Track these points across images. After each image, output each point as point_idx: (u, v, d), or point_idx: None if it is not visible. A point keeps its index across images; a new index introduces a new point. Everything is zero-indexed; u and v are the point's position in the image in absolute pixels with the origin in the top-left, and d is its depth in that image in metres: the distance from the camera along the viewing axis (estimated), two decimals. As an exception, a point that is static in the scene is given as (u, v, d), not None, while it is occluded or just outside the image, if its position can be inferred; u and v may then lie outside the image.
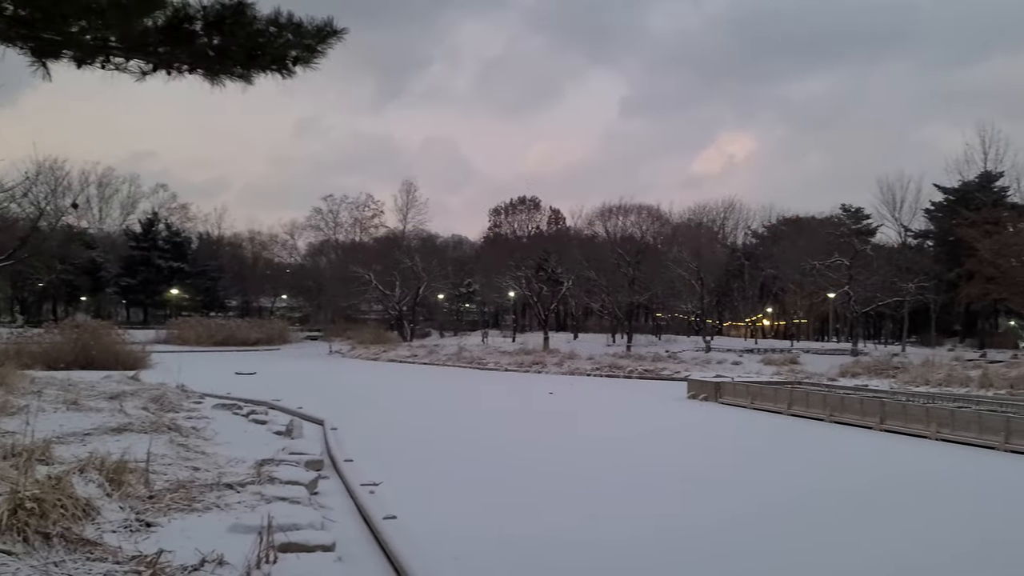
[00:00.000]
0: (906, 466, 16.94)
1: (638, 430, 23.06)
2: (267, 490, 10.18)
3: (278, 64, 7.01)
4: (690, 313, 68.49)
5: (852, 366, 45.63)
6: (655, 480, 14.20)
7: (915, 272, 60.48)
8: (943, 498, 13.49)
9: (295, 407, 23.66)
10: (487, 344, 66.20)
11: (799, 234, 70.77)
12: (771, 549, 9.64)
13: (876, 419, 23.50)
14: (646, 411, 28.98)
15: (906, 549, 9.81)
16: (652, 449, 18.79)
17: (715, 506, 11.93)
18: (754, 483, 14.33)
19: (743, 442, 21.37)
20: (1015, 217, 58.95)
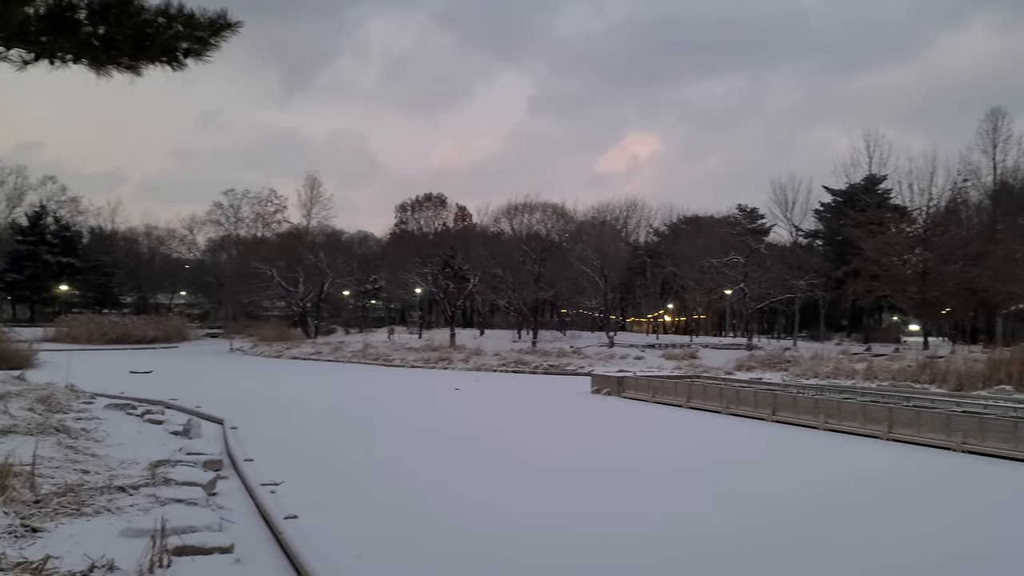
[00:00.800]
0: (788, 449, 17.79)
1: (542, 424, 23.31)
2: (162, 492, 9.88)
3: (168, 56, 6.81)
4: (594, 309, 69.70)
5: (747, 360, 47.34)
6: (557, 473, 14.40)
7: (806, 270, 63.23)
8: (809, 469, 14.17)
9: (193, 406, 22.93)
10: (393, 341, 65.65)
11: (698, 233, 73.00)
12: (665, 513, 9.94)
13: (769, 411, 24.34)
14: (550, 406, 29.28)
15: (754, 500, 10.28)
16: (552, 442, 19.02)
17: (615, 494, 12.20)
18: (654, 472, 14.72)
19: (643, 434, 21.87)
20: (897, 218, 62.28)
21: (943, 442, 18.22)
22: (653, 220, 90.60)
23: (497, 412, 26.74)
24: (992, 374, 32.09)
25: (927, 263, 55.15)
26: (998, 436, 17.25)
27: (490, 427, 22.12)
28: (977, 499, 12.81)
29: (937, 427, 18.82)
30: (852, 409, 21.90)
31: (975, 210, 66.11)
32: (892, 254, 57.18)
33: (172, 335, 76.08)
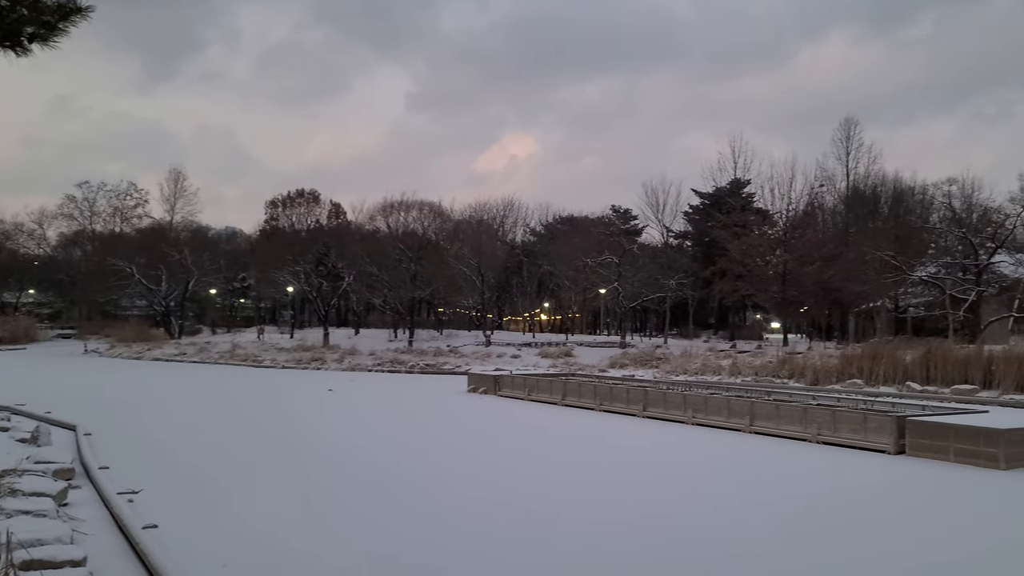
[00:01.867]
0: (657, 443, 18.19)
1: (416, 422, 22.95)
2: (7, 503, 9.11)
3: (11, 40, 6.20)
4: (471, 308, 69.70)
5: (621, 358, 48.42)
6: (440, 468, 14.11)
7: (676, 270, 65.42)
8: (674, 459, 14.53)
9: (42, 412, 21.34)
10: (263, 341, 63.51)
11: (574, 233, 74.18)
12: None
13: (640, 407, 24.91)
14: (425, 405, 29.01)
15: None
16: (427, 439, 18.71)
17: (491, 484, 12.03)
18: (531, 465, 14.65)
19: (516, 431, 21.86)
20: (760, 221, 65.33)
21: (800, 434, 19.04)
22: (530, 220, 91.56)
23: (370, 413, 26.15)
24: (845, 369, 33.95)
25: (787, 264, 58.04)
26: (849, 427, 18.17)
27: (363, 429, 21.54)
28: (802, 481, 13.38)
29: (794, 420, 19.65)
30: (718, 404, 22.61)
31: (830, 214, 70.18)
32: (755, 255, 59.88)
33: (19, 336, 71.24)
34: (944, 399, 26.54)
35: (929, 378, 31.39)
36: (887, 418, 17.58)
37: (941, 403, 23.66)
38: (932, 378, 31.28)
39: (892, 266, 50.42)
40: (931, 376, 31.41)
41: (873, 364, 33.12)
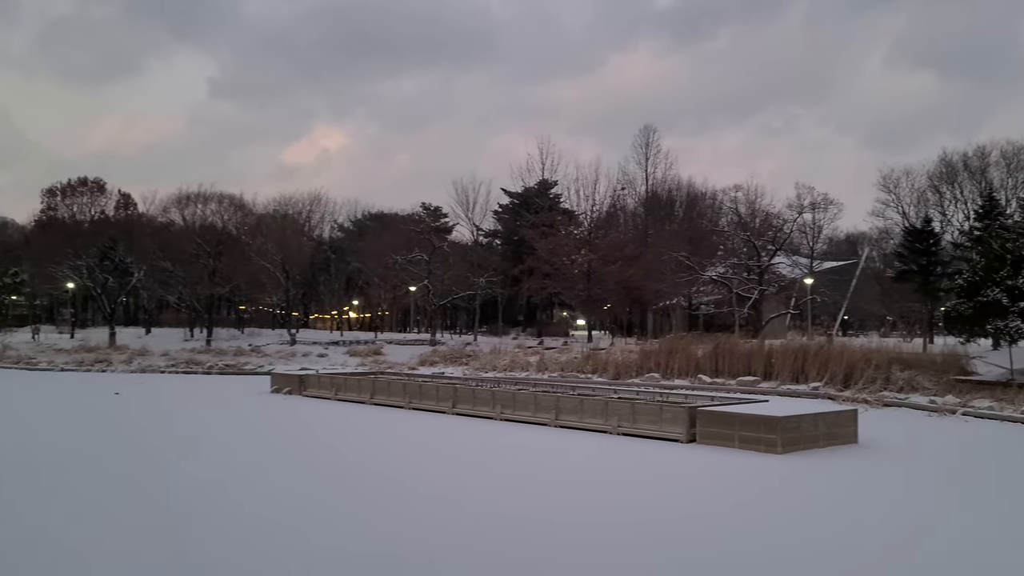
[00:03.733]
0: (465, 438, 18.09)
1: (205, 424, 21.47)
2: None
3: None
4: (275, 306, 67.00)
5: (431, 355, 48.23)
6: (224, 472, 13.11)
7: (486, 268, 66.23)
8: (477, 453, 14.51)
9: None
10: (39, 341, 57.72)
11: (384, 229, 73.24)
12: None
13: (449, 404, 24.79)
14: (221, 406, 27.31)
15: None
16: (214, 440, 17.49)
17: (318, 497, 11.31)
18: (333, 465, 13.99)
19: (318, 430, 21.01)
20: (566, 221, 67.48)
21: (602, 426, 19.61)
22: (338, 215, 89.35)
23: (158, 416, 24.19)
24: (643, 363, 35.61)
25: (591, 263, 60.31)
26: (646, 419, 18.90)
27: (148, 433, 19.83)
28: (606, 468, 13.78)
29: (597, 413, 20.22)
30: (525, 399, 22.87)
31: (631, 216, 73.79)
32: (562, 254, 61.76)
33: None
34: (731, 390, 28.41)
35: (718, 371, 33.54)
36: (680, 409, 18.44)
37: (728, 394, 25.20)
38: (720, 371, 33.45)
39: (686, 266, 53.65)
40: (719, 369, 33.59)
41: (669, 359, 34.96)
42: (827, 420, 17.49)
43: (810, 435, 16.67)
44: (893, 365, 30.96)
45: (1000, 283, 34.78)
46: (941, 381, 29.82)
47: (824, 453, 15.97)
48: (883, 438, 18.13)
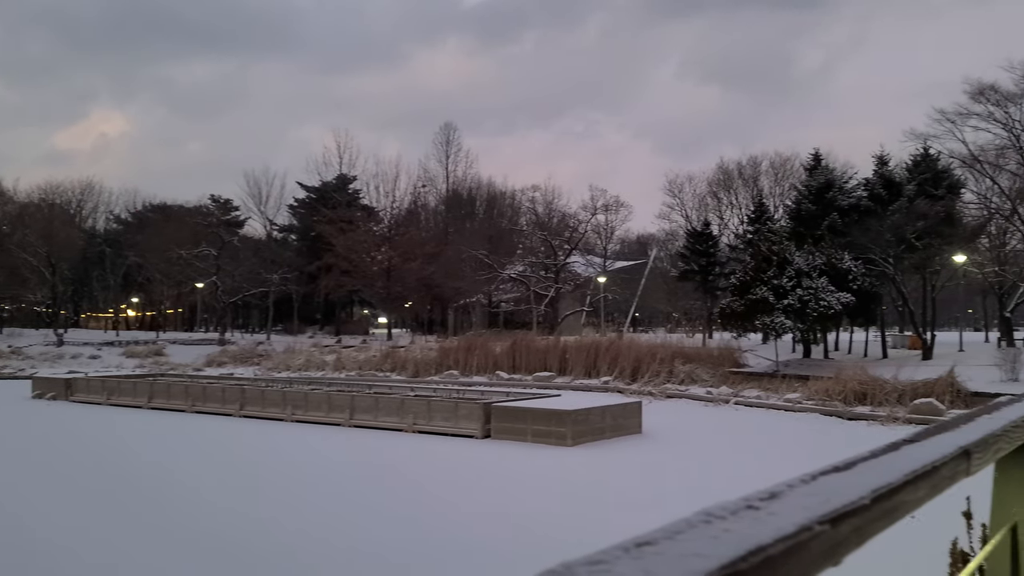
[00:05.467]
0: (251, 443, 17.01)
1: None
2: None
3: None
4: (40, 303, 60.65)
5: (219, 355, 45.57)
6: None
7: (280, 264, 63.57)
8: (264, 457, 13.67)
9: None
10: None
11: (167, 222, 68.16)
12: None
13: (236, 406, 23.53)
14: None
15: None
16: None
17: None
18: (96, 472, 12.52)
19: (84, 440, 18.96)
20: (365, 217, 66.13)
21: (397, 424, 19.15)
22: (115, 206, 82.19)
23: None
24: (443, 361, 35.52)
25: (391, 260, 59.52)
26: (442, 416, 18.66)
27: None
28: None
29: (392, 411, 19.75)
30: (318, 399, 22.02)
31: (432, 214, 73.66)
32: (361, 251, 60.47)
33: None
34: (527, 386, 28.85)
35: (515, 367, 34.12)
36: (475, 405, 18.36)
37: (524, 389, 25.58)
38: (518, 367, 34.05)
39: (486, 264, 54.25)
40: (517, 365, 34.18)
41: (468, 356, 35.12)
42: (614, 412, 18.04)
43: (598, 427, 17.08)
44: (676, 359, 32.86)
45: (767, 282, 37.90)
46: (717, 373, 31.99)
47: (610, 443, 16.43)
48: (663, 427, 18.96)
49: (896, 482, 0.86)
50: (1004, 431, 1.38)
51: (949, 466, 1.10)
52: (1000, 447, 1.34)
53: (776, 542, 0.54)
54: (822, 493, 0.72)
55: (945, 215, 38.26)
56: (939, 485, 1.04)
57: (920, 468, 0.98)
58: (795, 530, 0.58)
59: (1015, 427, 1.45)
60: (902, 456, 1.06)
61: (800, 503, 0.68)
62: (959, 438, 1.20)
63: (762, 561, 0.51)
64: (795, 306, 36.97)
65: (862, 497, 0.74)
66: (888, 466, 0.96)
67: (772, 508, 0.65)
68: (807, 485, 0.77)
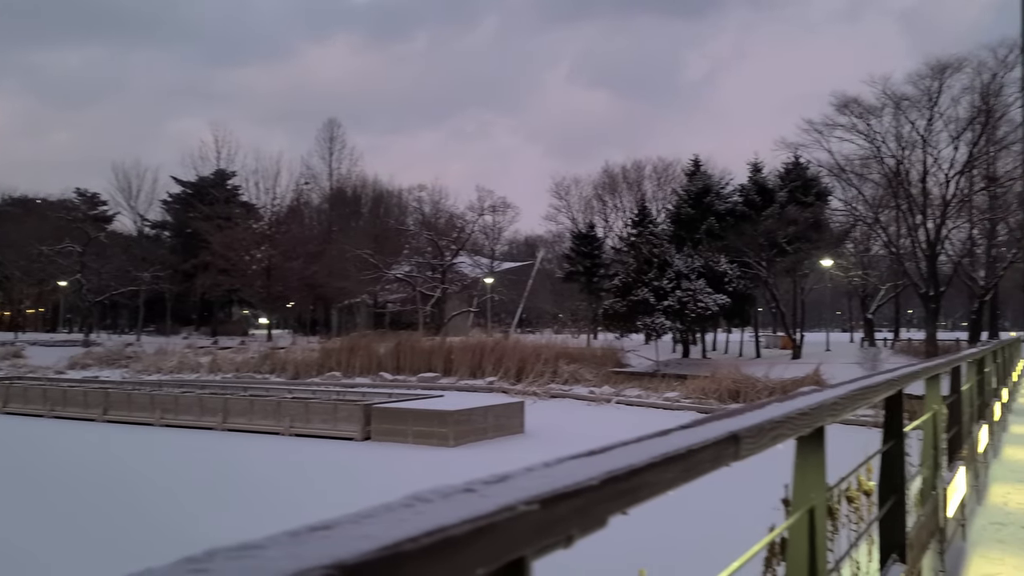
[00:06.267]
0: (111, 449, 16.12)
1: None
2: None
3: None
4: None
5: (83, 357, 43.13)
6: None
7: (152, 262, 60.63)
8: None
9: None
10: None
11: (28, 216, 63.89)
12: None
13: (100, 410, 22.35)
14: None
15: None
16: None
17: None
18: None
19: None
20: (245, 214, 63.90)
21: (274, 427, 18.58)
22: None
23: None
24: (325, 362, 34.76)
25: (272, 259, 57.79)
26: (320, 418, 18.23)
27: None
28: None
29: (268, 414, 19.16)
30: (189, 403, 21.14)
31: (316, 212, 71.86)
32: (240, 249, 58.40)
33: None
34: (411, 386, 28.59)
35: (400, 368, 33.78)
36: (355, 407, 18.02)
37: (408, 390, 25.34)
38: (403, 368, 33.73)
39: (371, 264, 53.44)
40: (402, 366, 33.85)
41: (351, 356, 34.50)
42: (496, 412, 18.06)
43: (480, 427, 17.05)
44: (561, 360, 33.28)
45: (648, 284, 38.93)
46: (600, 373, 32.59)
47: (492, 443, 16.42)
48: (545, 426, 19.12)
49: (639, 464, 0.85)
50: (788, 418, 1.35)
51: (711, 450, 1.07)
52: (780, 433, 1.31)
53: (463, 523, 0.54)
54: (555, 476, 0.72)
55: (814, 221, 40.21)
56: (697, 468, 1.03)
57: (673, 452, 0.96)
58: (493, 510, 0.58)
59: (802, 415, 1.43)
60: (664, 441, 1.02)
61: (522, 485, 0.67)
62: (732, 424, 1.17)
63: (437, 542, 0.51)
64: (675, 307, 38.12)
65: (591, 478, 0.73)
66: (643, 450, 0.94)
67: (490, 491, 0.64)
68: (548, 468, 0.77)
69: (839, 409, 1.67)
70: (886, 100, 38.92)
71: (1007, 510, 5.48)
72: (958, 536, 4.55)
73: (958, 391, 5.08)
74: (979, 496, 5.79)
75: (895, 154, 39.28)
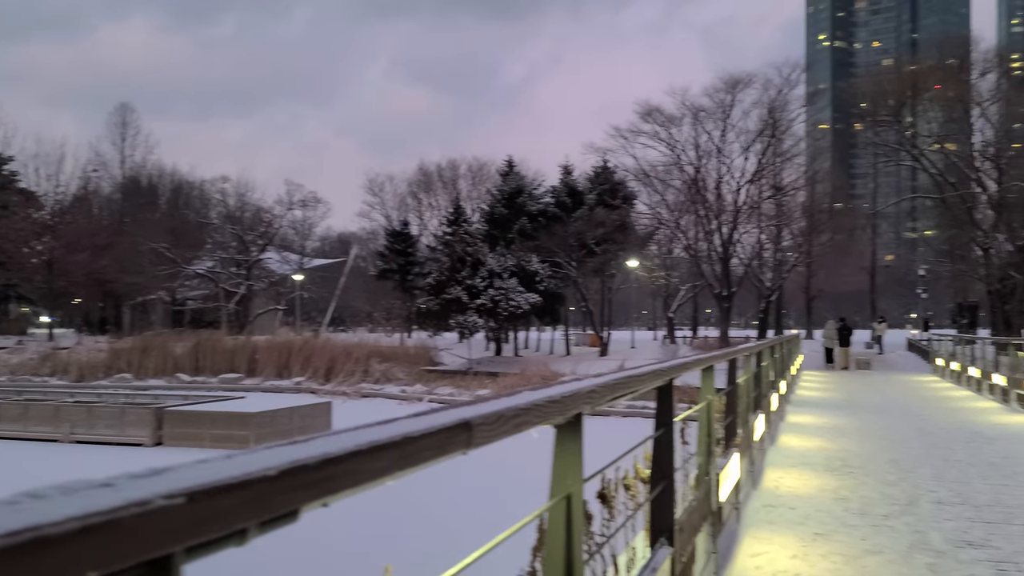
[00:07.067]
0: None
1: None
2: None
3: None
4: None
5: None
6: None
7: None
8: None
9: None
10: None
11: None
12: None
13: None
14: None
15: None
16: None
17: None
18: None
19: None
20: (23, 202, 58.06)
21: (51, 434, 17.00)
22: None
23: None
24: (113, 363, 32.34)
25: (54, 252, 52.96)
26: (106, 423, 16.89)
27: None
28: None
29: (45, 419, 17.48)
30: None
31: (105, 202, 66.51)
32: (18, 240, 53.01)
33: None
34: (211, 388, 27.16)
35: (199, 368, 32.03)
36: (145, 411, 16.83)
37: (208, 392, 24.03)
38: (202, 368, 32.00)
39: (168, 259, 50.36)
40: (201, 367, 32.10)
41: (144, 357, 32.32)
42: (302, 413, 17.49)
43: (284, 429, 16.43)
44: (372, 358, 32.85)
45: (462, 283, 39.30)
46: (413, 372, 32.51)
47: (296, 446, 15.83)
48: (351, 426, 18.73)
49: (336, 453, 0.80)
50: (535, 405, 1.30)
51: (436, 438, 0.99)
52: (525, 420, 1.26)
53: (68, 520, 0.49)
54: (224, 468, 0.68)
55: (621, 223, 42.16)
56: (417, 456, 0.96)
57: (384, 440, 0.90)
58: (118, 505, 0.54)
59: (553, 402, 1.39)
60: (381, 429, 0.92)
61: (177, 478, 0.63)
62: (467, 412, 1.09)
63: (26, 542, 0.46)
64: (487, 306, 38.72)
65: (267, 469, 0.69)
66: (350, 439, 0.86)
67: (131, 486, 0.59)
68: (227, 460, 0.72)
69: (596, 397, 1.66)
70: (685, 110, 41.59)
71: (778, 493, 5.90)
72: (733, 518, 4.83)
73: (735, 383, 5.38)
74: (755, 481, 6.20)
75: (693, 162, 42.00)
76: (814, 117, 61.72)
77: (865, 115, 45.71)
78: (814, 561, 4.19)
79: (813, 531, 4.79)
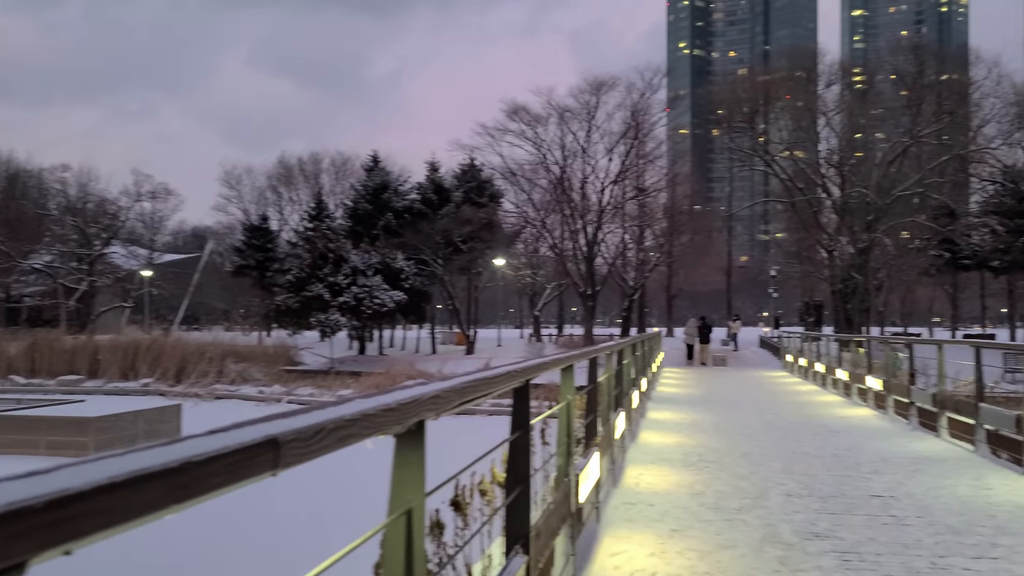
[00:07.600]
0: None
1: None
2: None
3: None
4: None
5: None
6: None
7: None
8: None
9: None
10: None
11: None
12: None
13: None
14: None
15: None
16: None
17: None
18: None
19: None
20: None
21: None
22: None
23: None
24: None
25: None
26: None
27: None
28: None
29: None
30: None
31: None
32: None
33: None
34: (48, 391, 25.38)
35: (35, 370, 29.85)
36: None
37: (45, 395, 22.42)
38: (39, 370, 29.85)
39: (2, 252, 46.61)
40: (37, 368, 29.94)
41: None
42: (148, 417, 16.49)
43: (129, 434, 15.44)
44: (228, 358, 31.52)
45: (324, 280, 38.25)
46: (271, 372, 31.43)
47: (142, 452, 14.90)
48: (204, 430, 17.87)
49: (74, 490, 0.63)
50: (363, 415, 1.14)
51: (230, 460, 0.81)
52: (352, 433, 1.09)
53: None
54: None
55: (488, 222, 42.28)
56: (201, 484, 0.78)
57: (155, 467, 0.72)
58: None
59: (388, 411, 1.23)
60: (157, 453, 0.74)
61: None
62: (274, 427, 0.91)
63: None
64: (351, 303, 37.87)
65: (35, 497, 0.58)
66: (101, 468, 0.69)
67: None
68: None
69: (441, 403, 1.51)
70: (551, 110, 42.23)
71: (637, 490, 5.94)
72: (593, 518, 4.81)
73: (595, 381, 5.37)
74: (615, 479, 6.23)
75: (559, 162, 42.71)
76: (675, 121, 64.28)
77: (722, 121, 47.87)
78: (671, 558, 4.21)
79: (670, 527, 4.83)
